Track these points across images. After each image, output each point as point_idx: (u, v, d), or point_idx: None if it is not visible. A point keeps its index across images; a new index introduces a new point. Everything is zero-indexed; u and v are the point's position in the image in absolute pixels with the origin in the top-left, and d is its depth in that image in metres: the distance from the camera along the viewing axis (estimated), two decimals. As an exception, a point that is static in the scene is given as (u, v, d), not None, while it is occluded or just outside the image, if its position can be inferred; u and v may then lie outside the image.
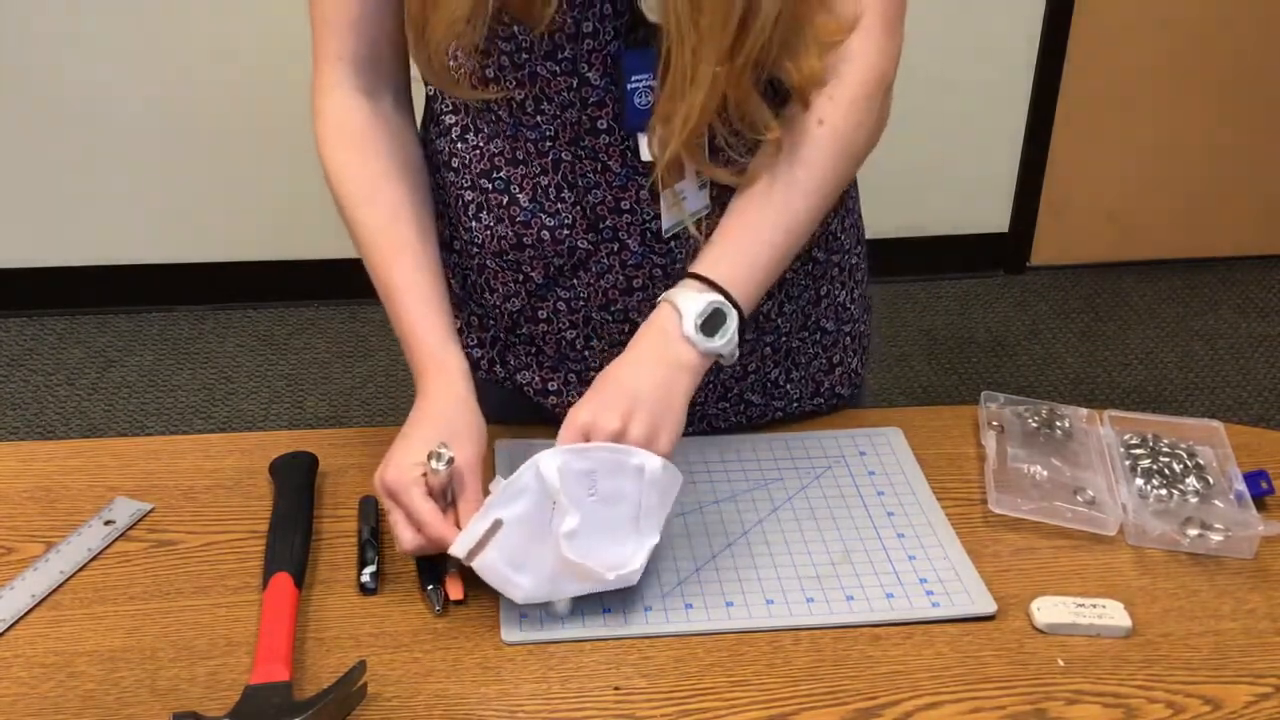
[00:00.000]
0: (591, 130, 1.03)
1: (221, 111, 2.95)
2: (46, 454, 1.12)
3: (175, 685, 0.88)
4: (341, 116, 1.07)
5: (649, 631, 0.94)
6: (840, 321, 1.22)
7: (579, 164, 1.05)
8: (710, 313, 0.99)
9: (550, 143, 1.05)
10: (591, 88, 1.01)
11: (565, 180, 1.06)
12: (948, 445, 1.16)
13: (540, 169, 1.06)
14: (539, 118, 1.03)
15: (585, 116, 1.03)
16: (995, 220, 3.42)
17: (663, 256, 1.09)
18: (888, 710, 0.88)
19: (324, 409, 2.80)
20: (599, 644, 0.92)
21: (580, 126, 1.03)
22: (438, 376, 1.02)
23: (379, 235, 1.06)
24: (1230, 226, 3.49)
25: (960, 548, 1.04)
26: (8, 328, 3.03)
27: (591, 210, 1.07)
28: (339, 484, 1.08)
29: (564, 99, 1.02)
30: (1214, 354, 3.12)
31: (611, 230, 1.07)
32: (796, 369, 1.20)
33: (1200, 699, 0.90)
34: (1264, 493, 1.08)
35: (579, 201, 1.06)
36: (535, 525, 0.92)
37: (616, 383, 0.98)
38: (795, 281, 1.16)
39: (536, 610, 0.94)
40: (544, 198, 1.07)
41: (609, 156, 1.04)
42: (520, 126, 1.05)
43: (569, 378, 1.17)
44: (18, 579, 0.97)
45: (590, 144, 1.04)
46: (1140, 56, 3.25)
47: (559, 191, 1.06)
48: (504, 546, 0.91)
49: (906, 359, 3.06)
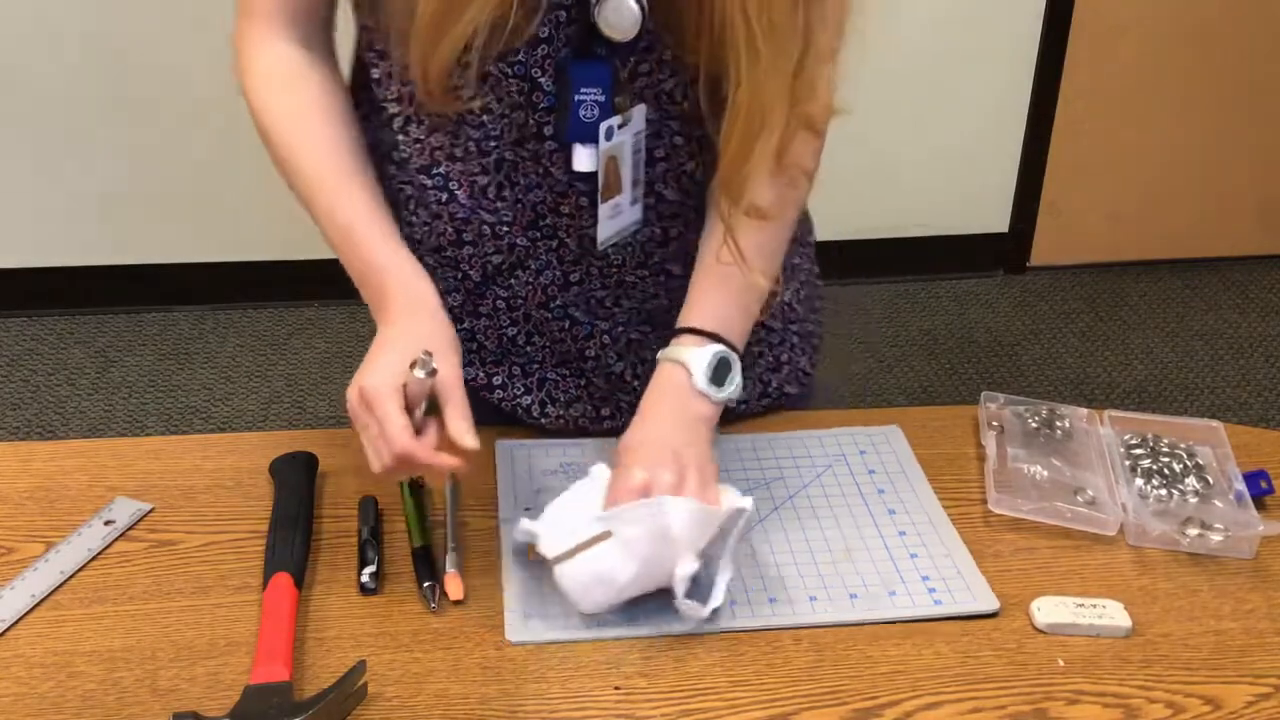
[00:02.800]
0: (537, 135, 1.02)
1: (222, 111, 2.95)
2: (46, 454, 1.12)
3: (175, 685, 0.88)
4: (274, 65, 1.06)
5: (653, 632, 0.94)
6: (786, 320, 1.22)
7: (521, 165, 1.04)
8: (717, 363, 1.01)
9: (494, 142, 1.04)
10: (542, 93, 1.00)
11: (507, 180, 1.05)
12: (948, 445, 1.16)
13: (480, 168, 1.05)
14: (485, 116, 1.02)
15: (533, 120, 1.02)
16: (995, 220, 3.42)
17: (599, 259, 1.09)
18: (888, 710, 0.88)
19: (324, 409, 2.80)
20: (599, 644, 0.92)
21: (526, 130, 1.02)
22: (410, 299, 1.01)
23: (321, 167, 1.04)
24: (1230, 226, 3.49)
25: (962, 545, 1.04)
26: (8, 328, 3.03)
27: (531, 209, 1.06)
28: (339, 484, 1.08)
29: (513, 100, 1.01)
30: (1214, 354, 3.12)
31: (550, 229, 1.07)
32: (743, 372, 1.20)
33: (1200, 699, 0.90)
34: (1264, 493, 1.08)
35: (519, 200, 1.06)
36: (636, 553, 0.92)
37: (653, 443, 0.98)
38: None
39: (539, 610, 0.94)
40: (482, 195, 1.06)
41: (552, 163, 1.04)
42: (464, 124, 1.03)
43: (513, 371, 1.16)
44: (18, 579, 0.97)
45: (534, 148, 1.03)
46: (1140, 57, 3.25)
47: (499, 190, 1.06)
48: (597, 558, 0.92)
49: (906, 359, 3.06)
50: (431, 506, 1.05)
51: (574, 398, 1.17)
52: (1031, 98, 3.26)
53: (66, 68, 2.88)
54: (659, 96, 1.03)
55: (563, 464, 1.10)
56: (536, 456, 1.10)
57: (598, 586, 0.93)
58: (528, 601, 0.95)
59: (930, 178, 3.31)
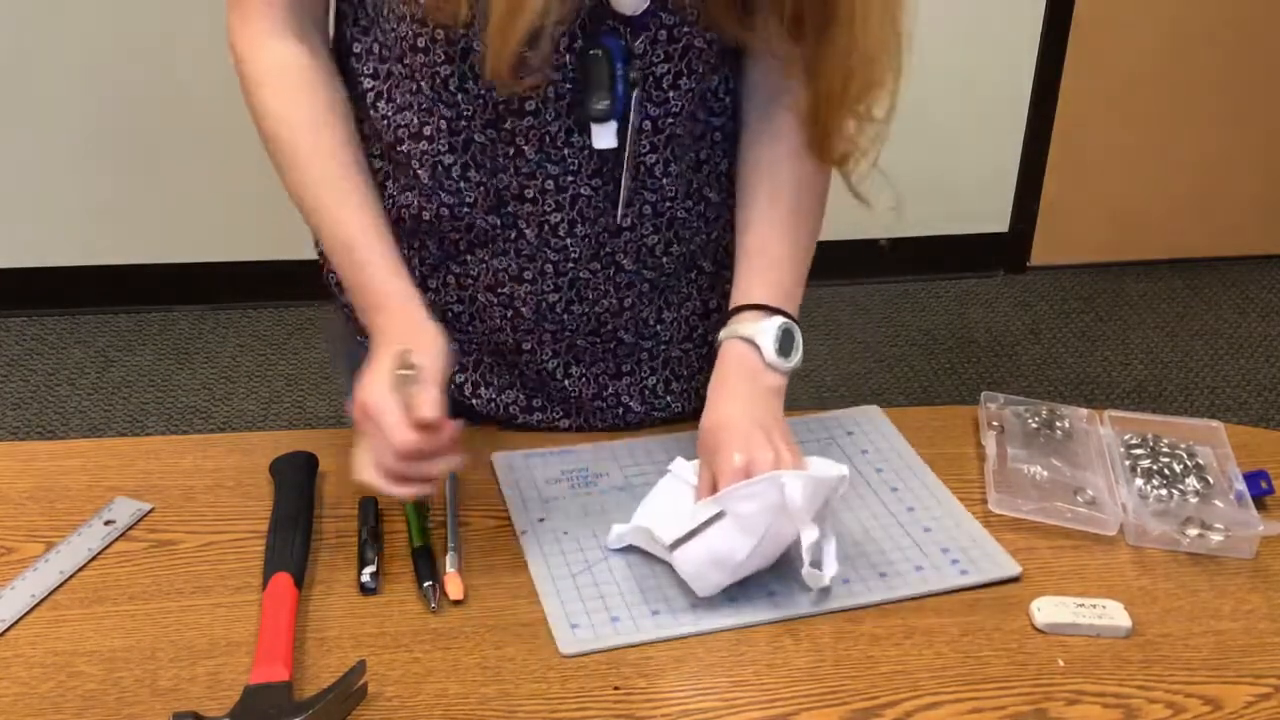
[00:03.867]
0: (517, 111, 1.02)
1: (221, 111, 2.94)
2: (46, 454, 1.12)
3: (175, 685, 0.88)
4: (276, 65, 1.05)
5: (714, 626, 0.94)
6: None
7: (491, 146, 1.04)
8: (782, 335, 1.03)
9: (465, 122, 1.03)
10: (527, 67, 0.99)
11: (473, 161, 1.05)
12: (948, 445, 1.16)
13: (447, 147, 1.05)
14: (460, 95, 1.02)
15: (514, 96, 1.01)
16: (995, 220, 3.42)
17: (557, 252, 1.08)
18: (888, 710, 0.88)
19: (324, 409, 2.80)
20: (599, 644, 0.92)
21: (506, 106, 1.02)
22: (404, 321, 1.01)
23: (325, 179, 1.04)
24: (1230, 226, 3.49)
25: (969, 515, 1.06)
26: (8, 328, 3.03)
27: (495, 194, 1.06)
28: (339, 484, 1.08)
29: None
30: (1214, 354, 3.12)
31: (511, 216, 1.07)
32: (677, 380, 1.20)
33: (1200, 699, 0.90)
34: (1264, 493, 1.08)
35: (484, 183, 1.06)
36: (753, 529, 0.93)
37: (739, 423, 0.99)
38: (679, 289, 1.17)
39: (584, 619, 0.94)
40: (444, 176, 1.06)
41: (525, 140, 1.03)
42: (438, 102, 1.03)
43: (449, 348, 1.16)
44: (18, 579, 0.96)
45: (510, 125, 1.03)
46: (1140, 56, 3.25)
47: (464, 170, 1.06)
48: (713, 539, 0.93)
49: (906, 359, 3.06)
50: (431, 506, 1.05)
51: (506, 384, 1.17)
52: (1031, 98, 3.26)
53: (66, 68, 2.88)
54: (646, 79, 1.03)
55: (564, 471, 1.09)
56: (535, 466, 1.09)
57: (715, 569, 0.94)
58: (570, 612, 0.94)
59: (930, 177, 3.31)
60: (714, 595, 0.96)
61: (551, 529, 1.02)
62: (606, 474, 1.09)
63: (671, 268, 1.14)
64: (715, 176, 1.13)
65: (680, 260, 1.15)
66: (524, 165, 1.05)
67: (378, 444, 0.94)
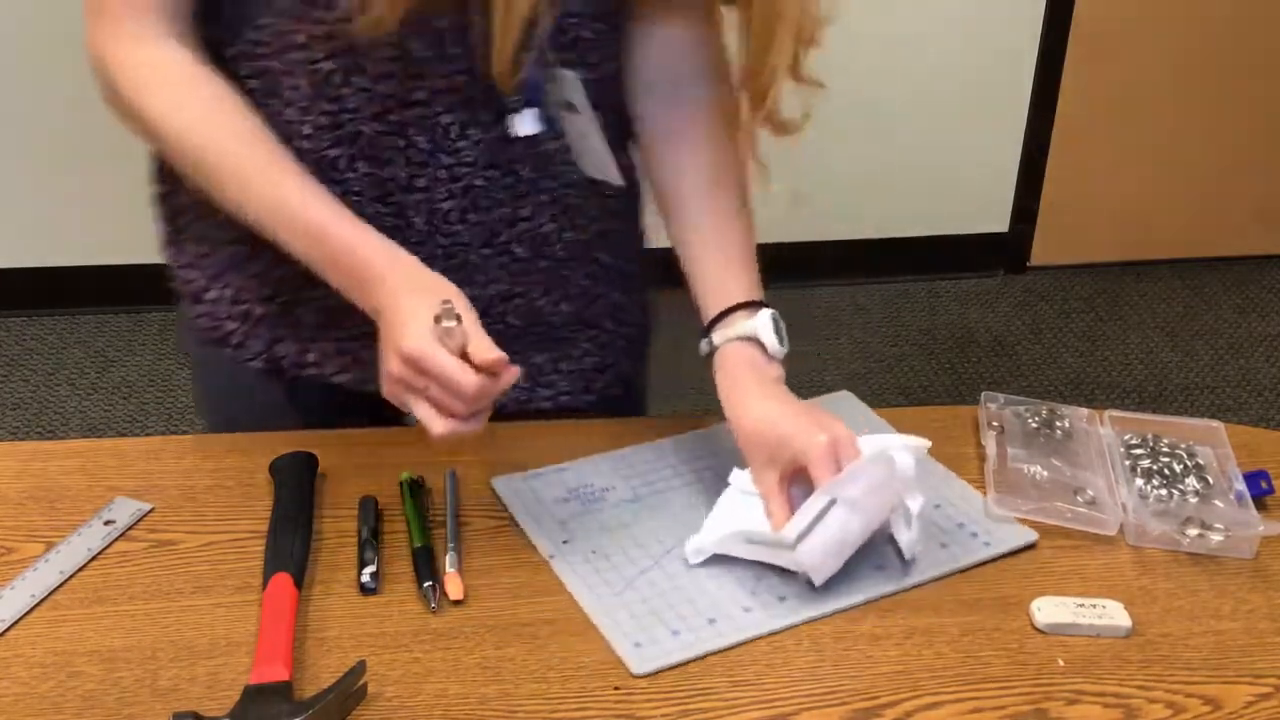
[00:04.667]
0: (405, 102, 1.01)
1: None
2: (46, 454, 1.12)
3: (175, 685, 0.88)
4: (160, 62, 1.01)
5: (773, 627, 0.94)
6: (619, 324, 1.22)
7: (379, 139, 1.03)
8: (774, 325, 1.05)
9: (350, 115, 1.02)
10: (413, 59, 0.99)
11: (361, 153, 1.04)
12: (948, 445, 1.16)
13: (332, 140, 1.03)
14: (345, 89, 1.01)
15: (401, 88, 1.01)
16: (995, 220, 3.42)
17: (447, 237, 1.08)
18: (888, 710, 0.88)
19: (324, 409, 2.80)
20: (599, 644, 0.92)
21: (394, 99, 1.01)
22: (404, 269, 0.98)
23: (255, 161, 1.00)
24: (1230, 226, 3.49)
25: (970, 488, 1.08)
26: (8, 328, 3.03)
27: (382, 185, 1.05)
28: (339, 484, 1.08)
29: (381, 69, 1.00)
30: (1215, 354, 3.12)
31: (399, 206, 1.06)
32: (566, 361, 1.20)
33: (1200, 699, 0.90)
34: (1264, 493, 1.08)
35: (372, 173, 1.05)
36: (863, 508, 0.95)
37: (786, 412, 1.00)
38: (574, 282, 1.16)
39: (646, 636, 0.93)
40: (332, 169, 1.05)
41: (417, 131, 1.03)
42: (319, 98, 1.02)
43: (326, 349, 1.15)
44: (18, 579, 0.96)
45: (399, 116, 1.02)
46: (1140, 56, 3.25)
47: (351, 162, 1.04)
48: (827, 526, 0.95)
49: (906, 359, 3.06)
50: (431, 506, 1.05)
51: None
52: (1031, 98, 3.26)
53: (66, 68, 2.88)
54: None
55: (570, 490, 1.08)
56: (539, 488, 1.08)
57: (834, 556, 0.96)
58: (629, 631, 0.93)
59: (930, 178, 3.31)
60: (765, 595, 0.97)
61: (579, 550, 1.01)
62: (613, 487, 1.09)
63: (566, 255, 1.14)
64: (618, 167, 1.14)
65: (574, 248, 1.14)
66: (416, 155, 1.04)
67: (439, 395, 0.92)
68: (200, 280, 1.18)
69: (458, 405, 0.92)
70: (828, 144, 3.23)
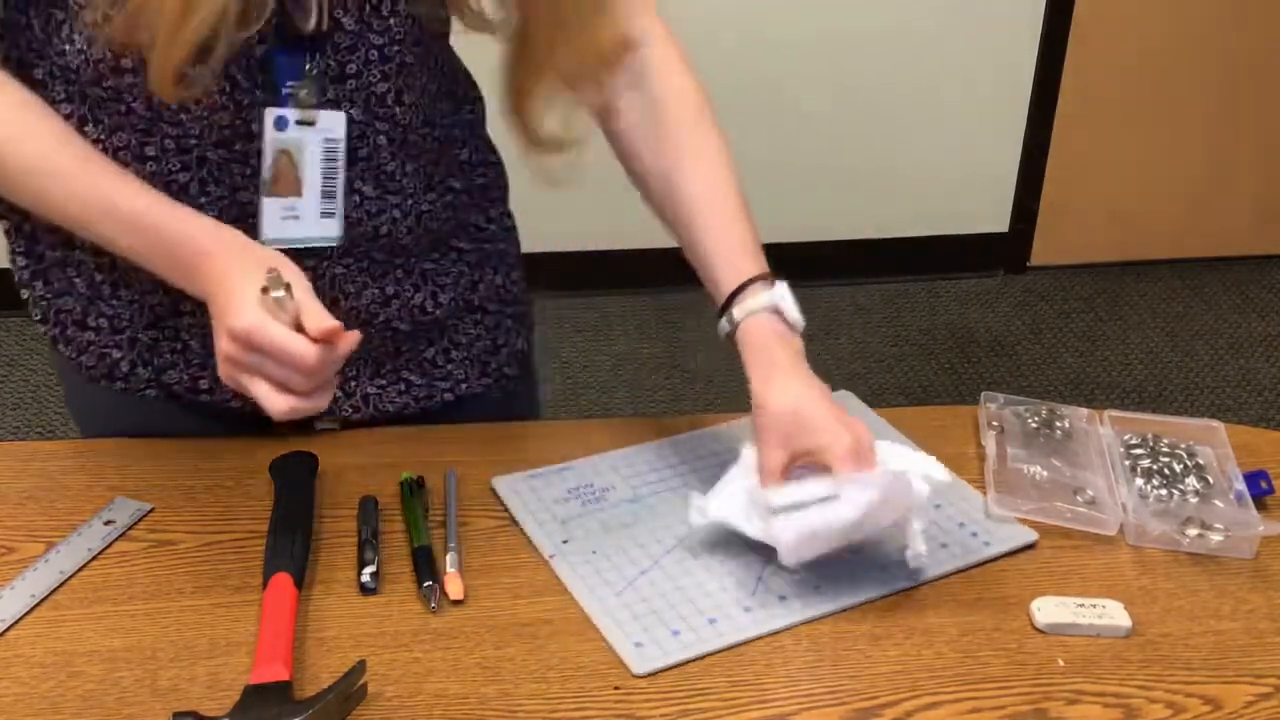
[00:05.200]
0: (246, 134, 1.00)
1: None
2: (46, 454, 1.12)
3: (175, 685, 0.88)
4: None
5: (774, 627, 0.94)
6: (503, 303, 1.22)
7: (228, 166, 1.02)
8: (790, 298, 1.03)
9: (195, 140, 1.01)
10: (243, 90, 0.98)
11: (210, 176, 1.02)
12: (948, 445, 1.16)
13: (180, 165, 1.02)
14: (183, 114, 0.99)
15: (239, 120, 0.99)
16: (995, 220, 3.42)
17: (311, 256, 1.06)
18: (888, 710, 0.88)
19: (324, 409, 2.80)
20: (599, 644, 0.92)
21: (234, 130, 1.00)
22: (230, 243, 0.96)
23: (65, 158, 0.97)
24: (1230, 226, 3.49)
25: (969, 488, 1.08)
26: (8, 328, 3.03)
27: (240, 208, 1.03)
28: (339, 484, 1.08)
29: (216, 101, 0.98)
30: (1214, 354, 3.12)
31: (255, 228, 1.04)
32: (457, 349, 1.19)
33: (1200, 699, 0.90)
34: (1264, 493, 1.08)
35: (226, 198, 1.03)
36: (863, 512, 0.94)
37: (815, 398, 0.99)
38: (445, 271, 1.16)
39: (646, 636, 0.93)
40: (183, 194, 1.01)
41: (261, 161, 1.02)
42: (160, 121, 1.00)
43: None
44: (18, 579, 0.96)
45: (243, 148, 1.01)
46: (1140, 56, 3.25)
47: (202, 186, 1.02)
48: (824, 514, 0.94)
49: (906, 359, 3.06)
50: (431, 506, 1.05)
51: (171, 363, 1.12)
52: (1031, 98, 3.26)
53: (66, 68, 2.88)
54: (369, 99, 1.02)
55: (569, 490, 1.08)
56: (539, 488, 1.08)
57: (812, 541, 0.95)
58: (630, 632, 0.93)
59: (930, 178, 3.31)
60: (765, 595, 0.96)
61: (579, 550, 1.01)
62: (613, 487, 1.09)
63: (420, 250, 1.13)
64: (457, 165, 1.14)
65: (430, 243, 1.14)
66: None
67: (276, 371, 0.89)
68: (76, 309, 1.11)
69: (297, 379, 0.89)
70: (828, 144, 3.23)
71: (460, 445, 1.13)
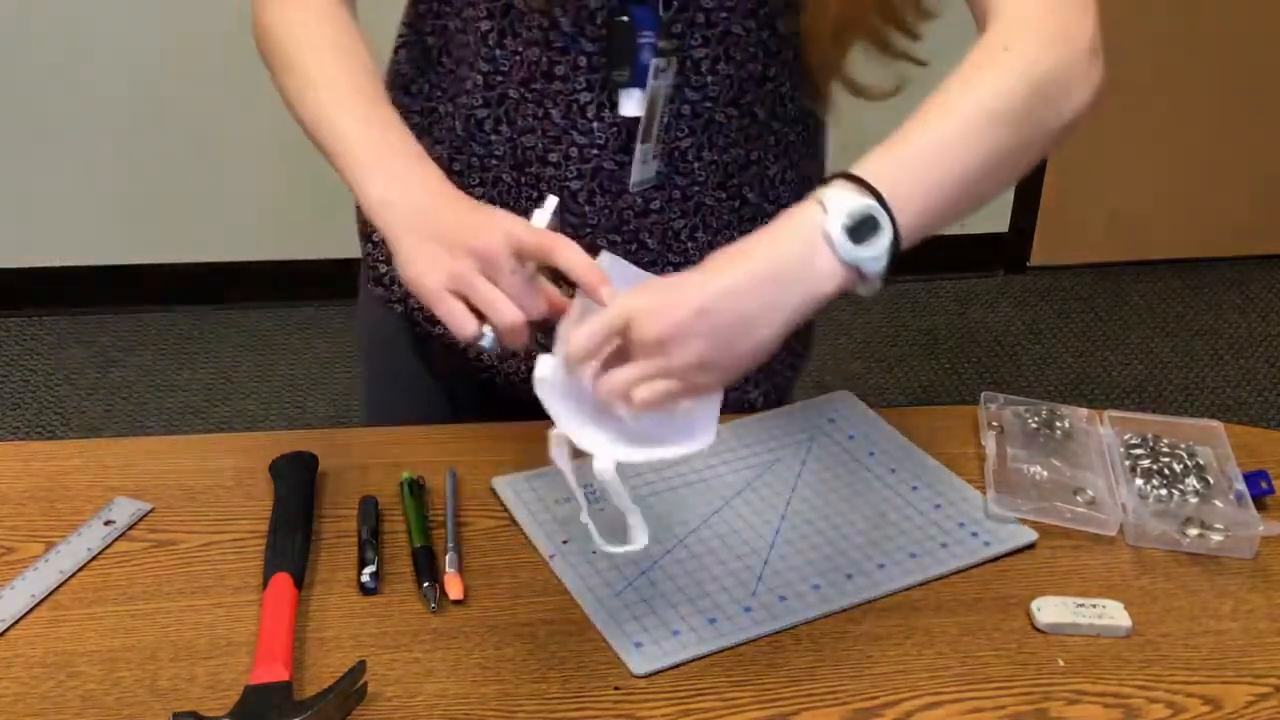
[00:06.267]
0: (547, 74, 1.03)
1: (220, 111, 2.95)
2: (46, 454, 1.12)
3: (175, 685, 0.88)
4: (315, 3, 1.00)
5: (773, 628, 0.94)
6: None
7: (523, 105, 1.05)
8: (863, 218, 0.81)
9: (501, 78, 1.05)
10: (560, 32, 1.01)
11: (505, 116, 1.06)
12: (948, 445, 1.16)
13: (481, 101, 1.06)
14: (498, 51, 1.03)
15: (546, 58, 1.02)
16: (995, 220, 3.42)
17: (575, 216, 1.08)
18: (888, 710, 0.88)
19: (324, 409, 2.80)
20: (599, 644, 0.92)
21: (538, 67, 1.03)
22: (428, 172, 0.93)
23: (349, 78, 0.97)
24: (1230, 226, 3.49)
25: (969, 488, 1.08)
26: (8, 328, 3.03)
27: (520, 153, 1.07)
28: (339, 484, 1.08)
29: (530, 36, 1.01)
30: (1214, 354, 3.12)
31: (534, 178, 1.08)
32: None
33: (1200, 699, 0.90)
34: (1264, 493, 1.08)
35: (512, 140, 1.07)
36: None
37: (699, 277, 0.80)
38: (719, 215, 1.13)
39: (644, 636, 0.93)
40: (476, 129, 1.08)
41: (554, 104, 1.04)
42: (478, 57, 1.05)
43: None
44: (18, 579, 0.96)
45: (540, 88, 1.04)
46: (1140, 57, 3.25)
47: (495, 125, 1.07)
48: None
49: (906, 359, 3.06)
50: (431, 506, 1.05)
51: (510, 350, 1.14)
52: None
53: (66, 68, 2.88)
54: (684, 63, 1.03)
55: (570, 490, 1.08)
56: (538, 488, 1.08)
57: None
58: (629, 631, 0.93)
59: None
60: (766, 595, 0.96)
61: (578, 550, 1.01)
62: None
63: (697, 254, 1.12)
64: (763, 179, 1.13)
65: (707, 249, 1.12)
66: (550, 129, 1.05)
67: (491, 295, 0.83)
68: None
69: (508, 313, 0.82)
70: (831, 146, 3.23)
71: (460, 445, 1.13)
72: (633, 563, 1.00)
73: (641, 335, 0.79)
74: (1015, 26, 0.91)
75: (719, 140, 1.09)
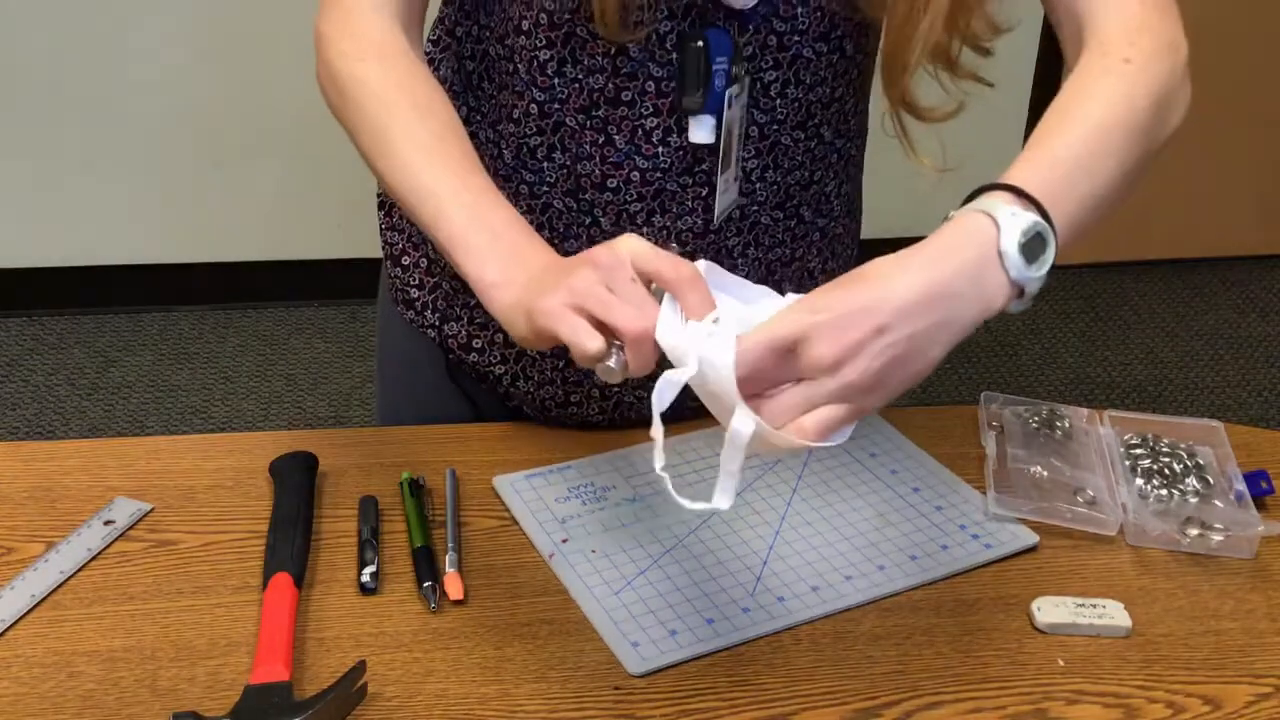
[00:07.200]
0: (612, 100, 1.02)
1: (221, 111, 2.95)
2: (46, 454, 1.12)
3: (175, 685, 0.88)
4: (376, 34, 0.97)
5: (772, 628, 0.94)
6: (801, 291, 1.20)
7: (581, 132, 1.04)
8: (1034, 235, 0.78)
9: (559, 105, 1.03)
10: (628, 58, 1.00)
11: (560, 144, 1.05)
12: (948, 445, 1.16)
13: (535, 130, 1.05)
14: (556, 80, 1.02)
15: (612, 84, 1.01)
16: (995, 220, 3.42)
17: None
18: (888, 710, 0.88)
19: (324, 409, 2.80)
20: (598, 644, 0.92)
21: (601, 94, 1.02)
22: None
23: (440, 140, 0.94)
24: (1230, 226, 3.49)
25: (971, 489, 1.08)
26: (8, 328, 3.03)
27: (576, 179, 1.06)
28: (339, 484, 1.08)
29: (594, 63, 1.00)
30: (1214, 354, 3.12)
31: (589, 204, 1.07)
32: None
33: (1200, 699, 0.90)
34: (1264, 493, 1.08)
35: (568, 166, 1.05)
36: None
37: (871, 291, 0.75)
38: (774, 233, 1.13)
39: (640, 636, 0.93)
40: (529, 157, 1.06)
41: (616, 129, 1.03)
42: (531, 86, 1.03)
43: (495, 338, 1.16)
44: (18, 579, 0.96)
45: (603, 114, 1.02)
46: (1140, 56, 3.25)
47: (549, 152, 1.06)
48: None
49: (906, 359, 3.06)
50: (431, 506, 1.05)
51: (546, 379, 1.16)
52: (1031, 97, 3.26)
53: (66, 68, 2.88)
54: (754, 86, 1.03)
55: (570, 489, 1.08)
56: (539, 486, 1.09)
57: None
58: (627, 631, 0.93)
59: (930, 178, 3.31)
60: (764, 594, 0.96)
61: (578, 549, 1.01)
62: (614, 486, 1.09)
63: (746, 271, 1.11)
64: (820, 197, 1.13)
65: (758, 267, 1.12)
66: (611, 155, 1.04)
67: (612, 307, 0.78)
68: (400, 244, 1.19)
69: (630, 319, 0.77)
70: (828, 144, 3.23)
71: (460, 445, 1.13)
72: (632, 562, 1.00)
73: (817, 355, 0.73)
74: (1129, 37, 0.91)
75: (784, 163, 1.08)
